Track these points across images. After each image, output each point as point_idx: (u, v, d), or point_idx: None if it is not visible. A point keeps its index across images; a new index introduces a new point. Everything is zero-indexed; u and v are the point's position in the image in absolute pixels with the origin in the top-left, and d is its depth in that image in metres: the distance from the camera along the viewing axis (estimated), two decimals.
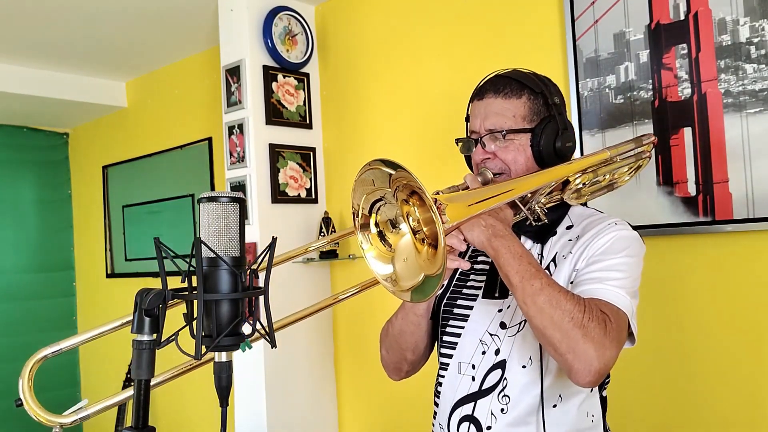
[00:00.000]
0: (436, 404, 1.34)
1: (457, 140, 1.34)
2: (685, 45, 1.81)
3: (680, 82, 1.82)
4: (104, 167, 4.04)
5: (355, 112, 2.71)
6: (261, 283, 0.91)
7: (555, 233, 1.26)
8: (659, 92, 1.86)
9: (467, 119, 1.35)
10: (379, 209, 1.08)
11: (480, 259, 1.32)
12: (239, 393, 2.64)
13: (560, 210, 1.29)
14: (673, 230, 1.83)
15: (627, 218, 1.90)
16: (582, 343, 1.04)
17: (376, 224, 1.09)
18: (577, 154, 1.49)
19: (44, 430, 0.99)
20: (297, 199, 2.70)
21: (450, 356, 1.30)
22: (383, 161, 1.00)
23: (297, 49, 2.72)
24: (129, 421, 0.85)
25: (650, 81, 1.88)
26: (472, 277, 1.32)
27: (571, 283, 1.18)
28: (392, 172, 1.01)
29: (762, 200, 1.68)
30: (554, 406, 1.20)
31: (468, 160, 1.35)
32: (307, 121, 2.77)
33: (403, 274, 1.06)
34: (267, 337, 0.91)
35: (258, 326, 0.92)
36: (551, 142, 1.25)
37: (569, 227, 1.26)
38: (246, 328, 0.90)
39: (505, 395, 1.21)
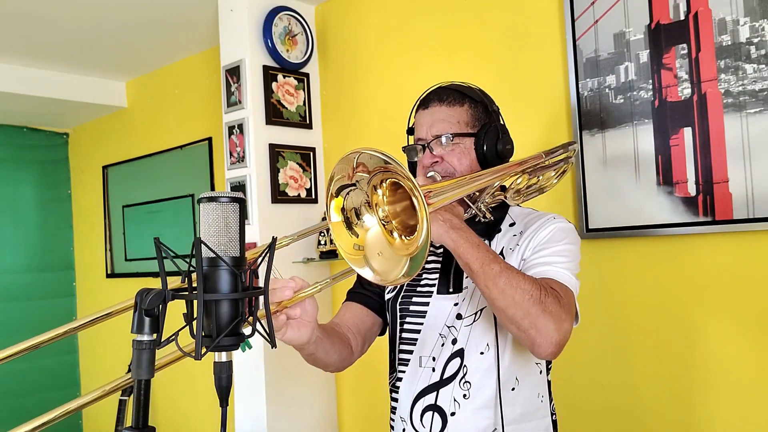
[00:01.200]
0: (395, 399, 1.39)
1: (404, 148, 1.43)
2: (685, 45, 1.81)
3: (680, 82, 1.82)
4: (104, 167, 4.04)
5: (355, 112, 2.71)
6: (261, 283, 0.92)
7: (500, 230, 1.36)
8: (659, 92, 1.86)
9: (411, 131, 1.45)
10: (348, 194, 1.11)
11: (430, 258, 1.39)
12: (239, 393, 2.64)
13: (501, 210, 1.40)
14: (673, 230, 1.83)
15: (627, 218, 1.91)
16: (542, 317, 1.13)
17: (342, 209, 1.12)
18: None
19: (47, 430, 0.99)
20: (297, 199, 2.70)
21: (410, 352, 1.36)
22: (371, 152, 1.04)
23: (297, 49, 2.72)
24: (129, 421, 0.85)
25: (650, 81, 1.88)
26: (424, 275, 1.38)
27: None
28: (378, 158, 1.04)
29: (762, 200, 1.68)
30: (513, 389, 1.29)
31: (411, 168, 1.43)
32: (307, 121, 2.77)
33: (383, 268, 1.09)
34: (267, 337, 0.91)
35: (258, 326, 0.92)
36: (493, 144, 1.35)
37: (512, 224, 1.37)
38: (246, 328, 0.90)
39: (466, 382, 1.29)
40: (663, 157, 1.85)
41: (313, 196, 2.76)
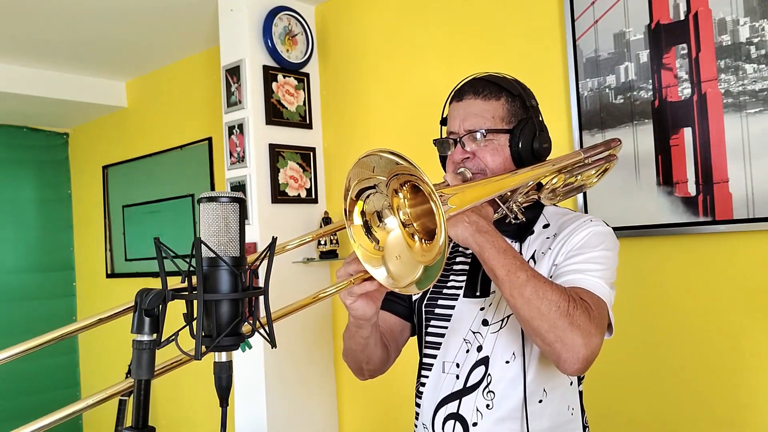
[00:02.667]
0: (418, 405, 1.34)
1: (435, 141, 1.36)
2: (685, 45, 1.81)
3: (680, 82, 1.82)
4: (104, 167, 4.04)
5: (355, 112, 2.71)
6: (261, 283, 0.91)
7: (533, 232, 1.29)
8: (659, 92, 1.86)
9: (443, 122, 1.38)
10: (368, 197, 1.07)
11: (459, 259, 1.34)
12: (239, 393, 2.64)
13: (535, 210, 1.32)
14: (673, 230, 1.83)
15: (627, 218, 1.91)
16: (569, 331, 1.06)
17: (362, 213, 1.08)
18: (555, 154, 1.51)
19: (45, 429, 0.99)
20: (297, 199, 2.70)
21: (434, 356, 1.31)
22: (391, 152, 0.99)
23: (297, 49, 2.72)
24: (129, 421, 0.85)
25: (650, 81, 1.88)
26: (451, 277, 1.33)
27: (551, 277, 1.20)
28: (397, 161, 0.99)
29: (762, 200, 1.68)
30: (540, 401, 1.22)
31: (442, 161, 1.37)
32: (307, 121, 2.77)
33: (399, 272, 1.05)
34: (267, 337, 0.91)
35: (258, 326, 0.92)
36: (529, 142, 1.28)
37: (546, 226, 1.29)
38: (246, 328, 0.90)
39: (489, 391, 1.22)
40: (663, 157, 1.85)
41: (313, 196, 2.76)
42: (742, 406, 1.76)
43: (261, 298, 0.92)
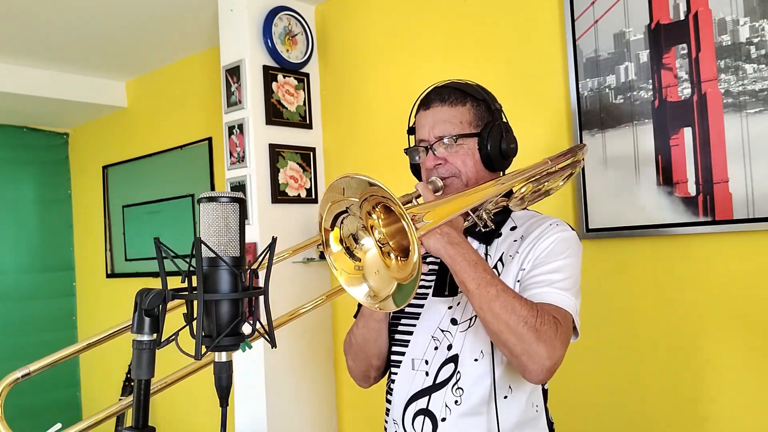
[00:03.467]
0: (389, 401, 1.38)
1: (406, 150, 1.41)
2: (685, 45, 1.81)
3: (680, 82, 1.82)
4: (104, 167, 4.04)
5: (355, 112, 2.71)
6: (261, 283, 0.91)
7: (500, 235, 1.33)
8: (659, 92, 1.86)
9: (411, 131, 1.43)
10: (342, 222, 1.11)
11: (428, 259, 1.38)
12: (239, 393, 2.64)
13: (503, 214, 1.36)
14: (673, 230, 1.83)
15: (627, 218, 1.91)
16: (535, 345, 1.11)
17: (341, 240, 1.12)
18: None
19: (44, 429, 0.99)
20: (297, 199, 2.70)
21: (402, 353, 1.35)
22: (358, 176, 1.03)
23: (297, 49, 2.72)
24: (129, 421, 0.85)
25: (650, 81, 1.88)
26: (420, 277, 1.37)
27: (518, 281, 1.26)
28: (367, 182, 1.03)
29: (762, 200, 1.68)
30: (505, 397, 1.27)
31: (414, 169, 1.41)
32: (307, 121, 2.77)
33: (378, 286, 1.09)
34: (267, 337, 0.91)
35: (258, 326, 0.92)
36: (497, 144, 1.33)
37: (513, 228, 1.34)
38: (246, 328, 0.90)
39: (458, 387, 1.27)
40: (663, 157, 1.85)
41: (313, 196, 2.76)
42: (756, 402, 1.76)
43: (261, 298, 0.92)
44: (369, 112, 2.67)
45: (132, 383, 0.86)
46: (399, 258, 1.10)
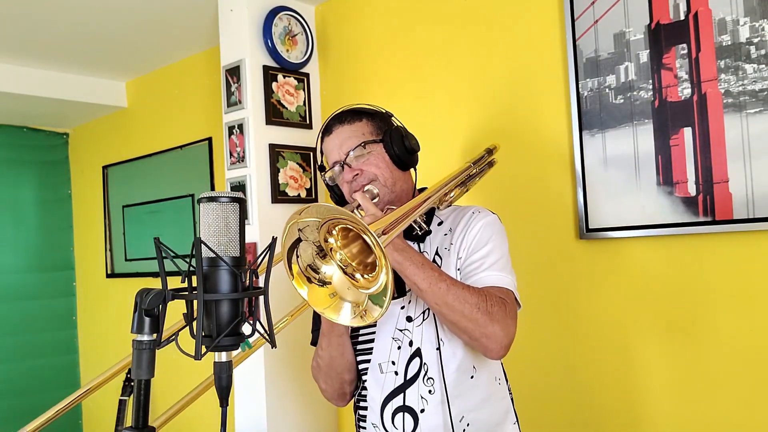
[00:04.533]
0: (363, 407, 1.45)
1: (323, 174, 1.49)
2: (685, 45, 1.81)
3: (680, 82, 1.82)
4: (104, 167, 4.04)
5: None
6: (261, 283, 0.91)
7: (430, 232, 1.44)
8: (659, 92, 1.86)
9: (321, 168, 1.52)
10: (297, 254, 1.14)
11: None
12: (239, 393, 2.64)
13: (429, 213, 1.48)
14: (673, 230, 1.83)
15: (627, 218, 1.91)
16: (491, 326, 1.23)
17: (305, 276, 1.15)
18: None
19: (45, 430, 0.99)
20: (297, 199, 2.70)
21: (368, 361, 1.43)
22: (305, 210, 1.08)
23: (297, 49, 2.72)
24: (129, 421, 0.85)
25: (650, 81, 1.88)
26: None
27: (458, 270, 1.37)
28: (325, 209, 1.07)
29: (762, 200, 1.68)
30: (471, 377, 1.37)
31: (332, 191, 1.49)
32: (307, 121, 2.77)
33: (355, 298, 1.15)
34: (267, 337, 0.91)
35: (258, 326, 0.92)
36: (401, 143, 1.43)
37: (440, 223, 1.46)
38: (246, 328, 0.90)
39: (429, 378, 1.36)
40: (663, 157, 1.85)
41: (313, 196, 2.76)
42: (757, 404, 1.76)
43: (261, 298, 0.92)
44: None
45: (132, 383, 0.86)
46: (364, 275, 1.15)
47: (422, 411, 1.35)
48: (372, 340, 1.42)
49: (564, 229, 2.06)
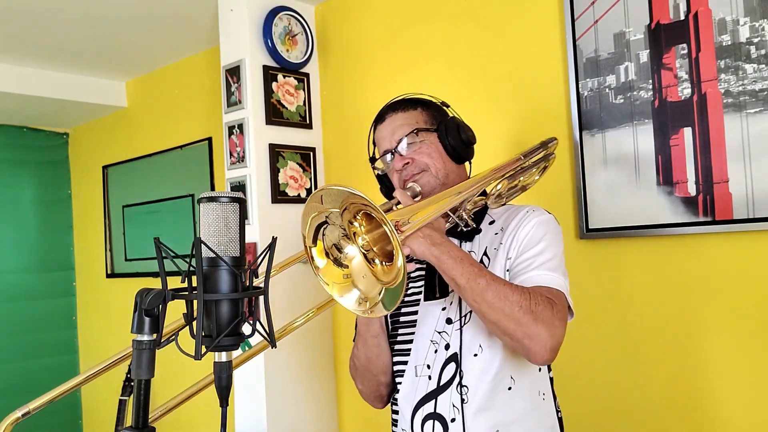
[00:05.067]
0: (396, 411, 1.39)
1: (373, 165, 1.45)
2: (685, 45, 1.81)
3: (680, 82, 1.82)
4: (104, 167, 4.04)
5: (355, 112, 2.71)
6: (261, 283, 0.91)
7: (480, 230, 1.36)
8: (659, 92, 1.86)
9: (373, 159, 1.46)
10: (324, 233, 1.13)
11: (415, 265, 1.39)
12: (239, 393, 2.64)
13: (481, 212, 1.41)
14: (673, 230, 1.83)
15: (627, 218, 1.91)
16: (534, 326, 1.13)
17: (326, 253, 1.14)
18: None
19: (45, 430, 0.99)
20: (297, 199, 2.70)
21: (405, 362, 1.35)
22: (336, 187, 1.05)
23: (297, 49, 2.72)
24: (129, 421, 0.85)
25: (650, 81, 1.88)
26: (410, 284, 1.38)
27: (508, 270, 1.28)
28: (347, 193, 1.04)
29: (762, 200, 1.68)
30: (509, 388, 1.28)
31: (382, 183, 1.45)
32: (307, 121, 2.77)
33: (366, 289, 1.11)
34: (267, 337, 0.91)
35: (258, 326, 0.92)
36: (457, 134, 1.37)
37: (491, 222, 1.38)
38: (246, 328, 0.90)
39: (462, 386, 1.27)
40: (663, 157, 1.85)
41: None
42: (750, 404, 1.76)
43: (261, 298, 0.92)
44: (369, 112, 2.65)
45: (132, 383, 0.86)
46: (384, 263, 1.11)
47: (453, 420, 1.26)
48: (410, 341, 1.35)
49: (564, 229, 2.05)
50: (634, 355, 1.95)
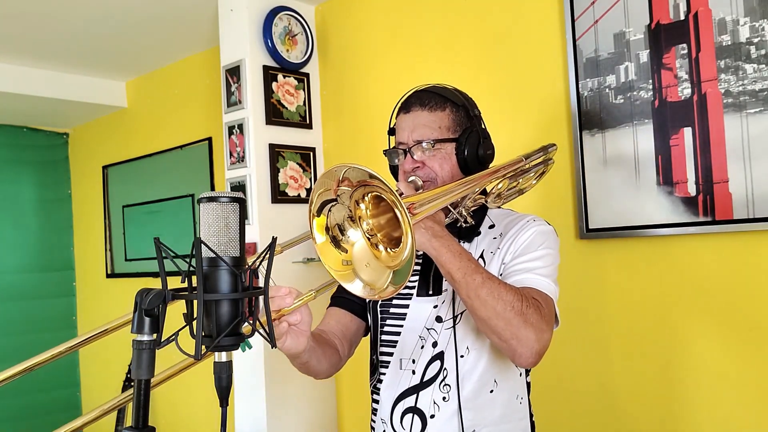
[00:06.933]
0: (376, 401, 1.41)
1: (385, 152, 1.43)
2: (685, 45, 1.81)
3: (680, 82, 1.82)
4: (104, 167, 4.04)
5: (355, 112, 2.71)
6: (261, 283, 0.91)
7: (479, 233, 1.37)
8: (659, 92, 1.86)
9: (392, 132, 1.46)
10: (330, 210, 1.11)
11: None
12: (239, 393, 2.64)
13: (480, 213, 1.41)
14: (673, 230, 1.83)
15: (627, 218, 1.91)
16: (523, 329, 1.14)
17: (327, 229, 1.12)
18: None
19: (44, 430, 0.99)
20: (297, 199, 2.70)
21: (391, 354, 1.37)
22: (359, 167, 1.04)
23: (297, 49, 2.72)
24: (129, 421, 0.85)
25: (650, 81, 1.88)
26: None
27: (501, 275, 1.29)
28: (368, 174, 1.03)
29: (762, 200, 1.68)
30: (491, 391, 1.30)
31: (392, 170, 1.44)
32: (307, 121, 2.77)
33: (372, 278, 1.11)
34: (267, 337, 0.91)
35: (258, 326, 0.92)
36: (474, 150, 1.35)
37: (491, 226, 1.38)
38: (246, 328, 0.90)
39: (445, 384, 1.30)
40: (663, 157, 1.85)
41: None
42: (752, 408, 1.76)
43: (261, 298, 0.92)
44: (369, 112, 2.67)
45: (132, 383, 0.86)
46: (388, 249, 1.11)
47: (432, 417, 1.29)
48: (398, 333, 1.36)
49: (564, 229, 2.06)
50: (633, 354, 1.95)
